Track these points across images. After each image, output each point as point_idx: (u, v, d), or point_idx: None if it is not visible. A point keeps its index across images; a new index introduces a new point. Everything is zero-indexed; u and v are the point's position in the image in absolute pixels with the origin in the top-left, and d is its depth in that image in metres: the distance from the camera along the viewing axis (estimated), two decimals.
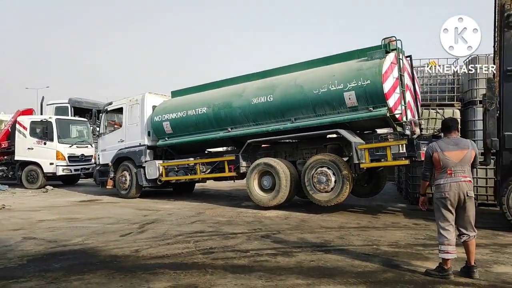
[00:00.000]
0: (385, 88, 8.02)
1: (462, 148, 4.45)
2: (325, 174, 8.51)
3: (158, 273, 4.59)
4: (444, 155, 4.42)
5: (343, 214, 8.91)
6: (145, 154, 12.08)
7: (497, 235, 6.68)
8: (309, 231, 7.08)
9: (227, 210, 9.72)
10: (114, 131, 13.50)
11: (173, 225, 7.66)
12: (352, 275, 4.49)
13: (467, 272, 4.43)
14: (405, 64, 8.84)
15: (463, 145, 4.48)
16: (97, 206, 10.87)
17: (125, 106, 12.88)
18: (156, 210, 9.77)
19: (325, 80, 8.74)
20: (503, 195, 6.94)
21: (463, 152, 4.42)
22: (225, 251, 5.65)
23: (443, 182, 4.41)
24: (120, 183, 12.58)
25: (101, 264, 5.02)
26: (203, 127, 10.99)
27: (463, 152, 4.42)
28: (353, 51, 8.93)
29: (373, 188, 10.50)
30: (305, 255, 5.37)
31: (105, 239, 6.47)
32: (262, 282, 4.28)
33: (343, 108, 8.60)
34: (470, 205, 4.40)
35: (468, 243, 4.42)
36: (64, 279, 4.41)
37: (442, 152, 4.44)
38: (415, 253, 5.48)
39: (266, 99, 9.56)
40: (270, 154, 10.33)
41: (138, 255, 5.42)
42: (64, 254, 5.50)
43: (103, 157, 13.52)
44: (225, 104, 10.39)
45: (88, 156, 16.96)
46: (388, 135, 8.53)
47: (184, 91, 12.12)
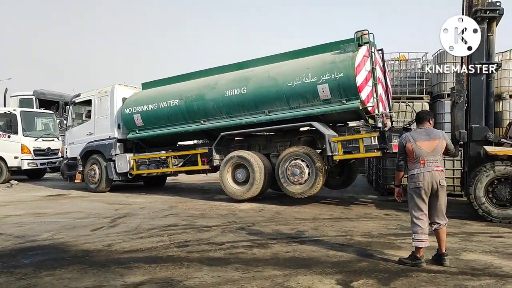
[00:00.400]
0: (358, 81, 8.11)
1: (433, 138, 4.55)
2: (299, 166, 8.55)
3: (132, 267, 4.50)
4: (417, 145, 4.51)
5: (317, 206, 9.00)
6: (115, 147, 11.84)
7: (465, 224, 6.89)
8: (284, 223, 7.10)
9: (200, 203, 9.64)
10: (82, 123, 13.16)
11: (145, 219, 7.54)
12: (328, 265, 4.53)
13: (438, 259, 4.55)
14: (377, 57, 8.97)
15: (434, 135, 4.58)
16: (65, 200, 10.58)
17: (94, 98, 12.57)
18: (128, 204, 9.59)
19: (299, 73, 8.76)
20: (470, 185, 7.15)
21: (435, 142, 4.52)
22: (200, 244, 5.60)
23: (416, 172, 4.50)
24: (89, 177, 12.30)
25: (73, 259, 4.88)
26: (175, 120, 10.84)
27: (435, 142, 4.52)
28: (327, 44, 8.98)
29: (345, 180, 10.66)
30: (281, 247, 5.39)
31: (75, 233, 6.30)
32: (239, 273, 4.26)
33: (317, 101, 8.65)
34: (442, 194, 4.52)
35: (439, 231, 4.54)
36: (34, 275, 4.26)
37: (414, 142, 4.52)
38: (387, 243, 5.59)
39: (240, 91, 9.51)
40: (243, 147, 10.30)
41: (111, 250, 5.30)
42: (33, 250, 5.33)
43: (70, 151, 13.17)
44: (198, 96, 10.27)
45: (55, 149, 16.48)
46: (360, 127, 8.66)
47: (155, 83, 11.92)
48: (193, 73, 11.15)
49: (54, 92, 20.95)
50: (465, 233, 6.19)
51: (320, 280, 4.03)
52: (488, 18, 7.42)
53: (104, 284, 3.95)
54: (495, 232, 6.28)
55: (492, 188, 7.09)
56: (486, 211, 7.03)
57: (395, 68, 11.25)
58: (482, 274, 4.23)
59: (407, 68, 11.21)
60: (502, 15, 7.50)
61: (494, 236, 6.00)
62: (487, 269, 4.39)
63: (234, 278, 4.11)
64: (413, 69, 11.22)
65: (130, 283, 3.99)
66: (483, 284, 3.92)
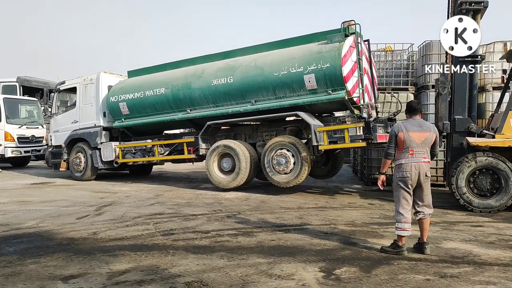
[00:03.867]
0: (344, 71, 8.16)
1: (425, 130, 4.62)
2: (285, 156, 8.61)
3: (118, 255, 4.52)
4: (409, 135, 4.57)
5: (302, 195, 9.08)
6: (100, 135, 11.76)
7: (446, 213, 7.04)
8: (269, 211, 7.17)
9: (186, 192, 9.66)
10: (67, 111, 13.01)
11: (131, 207, 7.54)
12: (311, 253, 4.60)
13: (419, 248, 4.66)
14: (363, 48, 9.01)
15: (426, 127, 4.66)
16: (50, 188, 10.50)
17: (79, 86, 12.43)
18: (113, 193, 9.56)
19: (286, 63, 8.78)
20: (452, 175, 7.29)
21: (426, 134, 4.60)
22: (186, 232, 5.63)
23: (404, 162, 4.57)
24: (74, 165, 12.21)
25: (58, 247, 4.87)
26: (161, 108, 10.80)
27: (426, 134, 4.60)
28: (313, 34, 9.00)
29: (330, 170, 10.75)
30: (266, 235, 5.45)
31: (60, 222, 6.28)
32: (224, 261, 4.31)
33: (303, 91, 8.69)
34: (427, 184, 4.61)
35: (423, 221, 4.64)
36: (19, 262, 4.25)
37: (407, 132, 4.58)
38: (370, 231, 5.69)
39: (226, 80, 9.49)
40: (230, 136, 10.31)
41: (97, 238, 5.30)
42: (18, 238, 5.30)
43: (55, 138, 13.04)
44: (184, 85, 10.23)
45: (39, 137, 16.28)
46: (346, 118, 8.73)
47: (141, 71, 11.82)
48: (179, 61, 11.09)
49: (38, 79, 20.59)
50: (446, 222, 6.32)
51: (304, 267, 4.10)
52: (473, 10, 7.51)
53: (89, 272, 3.96)
54: (476, 222, 6.43)
55: (474, 178, 7.25)
56: (467, 201, 7.19)
57: (381, 59, 11.33)
58: (461, 262, 4.35)
59: (392, 59, 11.30)
60: (487, 8, 7.59)
61: (474, 226, 6.14)
62: (466, 257, 4.50)
63: (219, 266, 4.16)
64: (399, 60, 11.32)
65: (116, 270, 4.01)
66: (461, 271, 4.03)
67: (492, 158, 7.10)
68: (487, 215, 6.94)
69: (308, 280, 3.75)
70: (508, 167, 7.01)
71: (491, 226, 6.15)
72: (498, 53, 9.70)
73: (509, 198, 7.01)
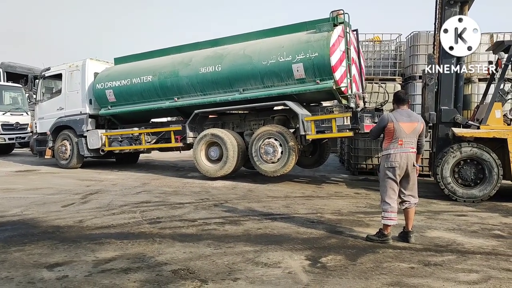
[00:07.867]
0: (332, 61, 8.16)
1: (413, 120, 4.66)
2: (272, 145, 8.62)
3: (104, 243, 4.49)
4: (399, 125, 4.59)
5: (289, 184, 9.12)
6: (86, 123, 11.63)
7: (431, 203, 7.14)
8: (256, 200, 7.19)
9: (173, 180, 9.63)
10: (53, 98, 12.83)
11: (118, 196, 7.50)
12: (298, 242, 4.63)
13: (404, 237, 4.72)
14: (351, 38, 9.01)
15: (415, 118, 4.71)
16: (35, 176, 10.38)
17: (65, 72, 12.25)
18: (99, 181, 9.49)
19: (274, 52, 8.75)
20: (438, 165, 7.38)
21: (414, 125, 4.63)
22: (173, 220, 5.62)
23: (393, 152, 4.60)
24: (60, 153, 12.08)
25: (43, 235, 4.83)
26: (149, 96, 10.70)
27: (414, 124, 4.63)
28: (302, 23, 8.97)
29: (317, 159, 10.80)
30: (253, 223, 5.47)
31: (45, 210, 6.22)
32: (211, 249, 4.32)
33: (291, 80, 8.67)
34: (413, 174, 4.66)
35: (408, 210, 4.70)
36: (3, 250, 4.20)
37: (397, 122, 4.60)
38: (356, 220, 5.74)
39: (214, 68, 9.43)
40: (217, 125, 10.27)
41: (82, 226, 5.26)
42: (2, 225, 5.23)
43: (40, 126, 12.87)
44: (172, 73, 10.14)
45: (24, 124, 16.06)
46: (333, 107, 8.77)
47: (128, 58, 11.67)
48: (167, 49, 10.97)
49: (23, 65, 20.25)
50: (431, 212, 6.41)
51: (290, 256, 4.13)
52: (461, 2, 7.55)
53: (75, 260, 3.93)
54: (459, 211, 6.53)
55: (459, 168, 7.35)
56: (451, 191, 7.29)
57: (369, 49, 11.35)
58: (445, 250, 4.41)
59: (380, 50, 11.33)
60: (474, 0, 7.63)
61: (458, 215, 6.24)
62: (450, 246, 4.58)
63: (206, 254, 4.17)
64: (387, 51, 11.35)
65: (102, 258, 3.99)
66: (445, 259, 4.10)
67: (476, 149, 7.19)
68: (471, 204, 7.06)
69: (294, 268, 3.78)
70: (492, 158, 7.12)
71: (475, 215, 6.25)
72: (484, 45, 9.77)
73: (493, 188, 7.13)
